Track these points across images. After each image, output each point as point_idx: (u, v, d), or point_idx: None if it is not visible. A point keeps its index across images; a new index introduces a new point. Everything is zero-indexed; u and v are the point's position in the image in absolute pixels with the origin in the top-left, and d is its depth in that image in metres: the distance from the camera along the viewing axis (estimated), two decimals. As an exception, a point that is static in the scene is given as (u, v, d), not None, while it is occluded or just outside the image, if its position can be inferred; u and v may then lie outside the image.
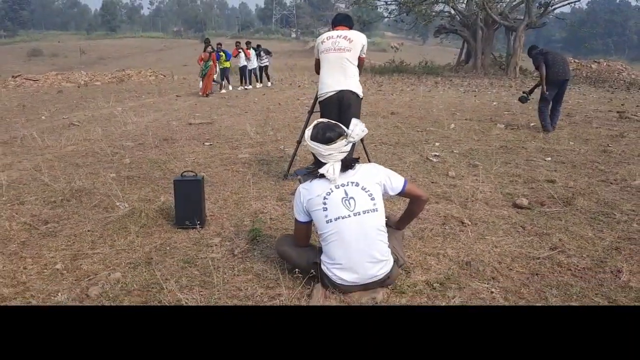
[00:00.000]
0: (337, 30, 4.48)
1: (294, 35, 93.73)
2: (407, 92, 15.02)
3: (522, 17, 24.48)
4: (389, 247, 2.59)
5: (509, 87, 17.33)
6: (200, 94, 14.15)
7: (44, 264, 3.06)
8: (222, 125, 8.52)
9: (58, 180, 4.86)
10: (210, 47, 14.67)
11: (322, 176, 2.57)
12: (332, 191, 2.53)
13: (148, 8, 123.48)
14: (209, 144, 6.82)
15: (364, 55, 4.48)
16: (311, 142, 2.60)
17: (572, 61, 23.86)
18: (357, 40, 4.37)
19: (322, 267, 2.59)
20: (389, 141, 6.92)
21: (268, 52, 18.55)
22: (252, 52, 17.08)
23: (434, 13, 27.08)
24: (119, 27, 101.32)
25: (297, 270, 2.75)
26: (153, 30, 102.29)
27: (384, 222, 2.58)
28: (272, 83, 18.04)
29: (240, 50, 16.51)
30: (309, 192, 2.59)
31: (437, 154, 6.08)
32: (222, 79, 15.93)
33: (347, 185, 2.54)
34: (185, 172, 3.68)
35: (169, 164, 5.63)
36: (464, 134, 7.45)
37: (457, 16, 27.14)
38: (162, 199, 4.23)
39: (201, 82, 14.48)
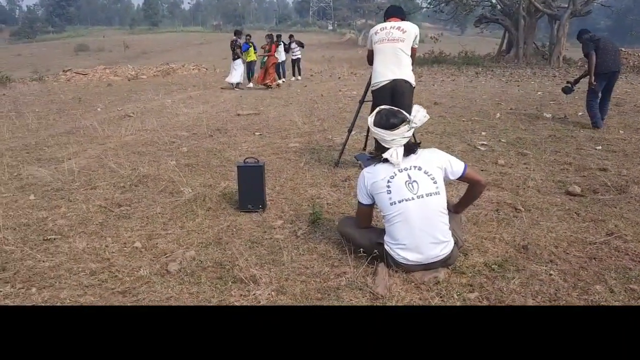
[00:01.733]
0: (390, 21, 4.60)
1: (330, 27, 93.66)
2: (448, 83, 14.95)
3: (566, 5, 23.82)
4: (449, 229, 2.72)
5: (552, 77, 16.98)
6: (265, 84, 14.28)
7: (124, 242, 3.32)
8: (269, 116, 8.75)
9: (123, 167, 5.16)
10: (267, 37, 14.98)
11: (386, 160, 2.71)
12: (395, 175, 2.68)
13: (188, 3, 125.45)
14: (259, 134, 7.04)
15: (416, 46, 4.58)
16: (375, 128, 2.74)
17: (620, 50, 23.07)
18: (410, 30, 4.47)
19: (386, 247, 2.74)
20: (434, 130, 6.99)
21: (301, 44, 17.93)
22: (279, 48, 16.46)
23: (474, 2, 26.68)
24: (160, 22, 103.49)
25: (360, 250, 2.91)
26: (193, 25, 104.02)
27: (446, 205, 2.71)
28: (300, 78, 17.58)
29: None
30: (373, 175, 2.74)
31: (484, 142, 6.12)
32: (249, 73, 15.49)
33: (410, 169, 2.68)
34: (247, 158, 3.88)
35: (224, 152, 5.87)
36: (511, 124, 7.44)
37: (498, 5, 26.65)
38: (224, 185, 4.46)
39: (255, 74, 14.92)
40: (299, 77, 17.63)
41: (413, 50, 4.56)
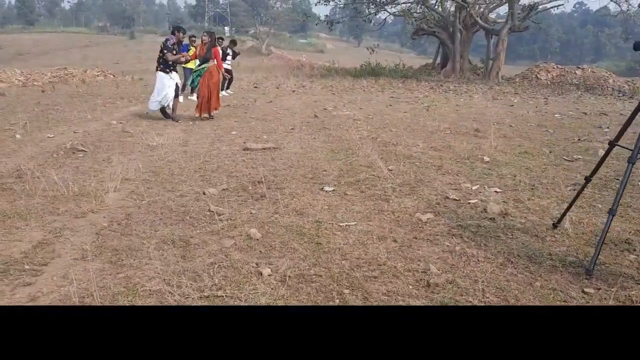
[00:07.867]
0: None
1: (228, 34, 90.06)
2: (420, 100, 13.21)
3: (505, 20, 23.45)
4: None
5: (515, 94, 15.95)
6: (197, 114, 8.96)
7: None
8: (294, 151, 6.18)
9: (180, 290, 2.49)
10: (206, 34, 9.09)
11: None
12: None
13: (69, 1, 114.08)
14: (330, 189, 4.53)
15: None
16: None
17: (556, 67, 23.02)
18: None
19: None
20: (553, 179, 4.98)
21: (235, 53, 14.22)
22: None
23: (418, 13, 25.70)
24: (37, 20, 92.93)
25: None
26: (75, 25, 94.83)
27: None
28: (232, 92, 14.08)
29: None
30: None
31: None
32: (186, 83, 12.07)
33: None
34: None
35: (330, 239, 3.34)
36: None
37: (434, 17, 25.77)
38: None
39: (194, 95, 10.80)
40: (231, 92, 13.99)
41: None
